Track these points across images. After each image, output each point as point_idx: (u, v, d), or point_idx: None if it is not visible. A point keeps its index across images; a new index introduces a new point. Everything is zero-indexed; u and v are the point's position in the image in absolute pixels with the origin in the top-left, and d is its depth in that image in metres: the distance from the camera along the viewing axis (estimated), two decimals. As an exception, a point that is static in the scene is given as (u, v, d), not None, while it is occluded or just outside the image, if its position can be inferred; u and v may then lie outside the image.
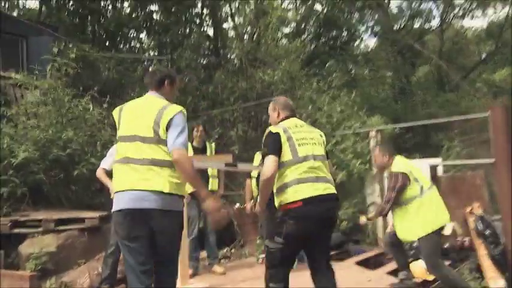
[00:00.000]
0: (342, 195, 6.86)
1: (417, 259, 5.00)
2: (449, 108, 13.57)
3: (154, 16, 10.91)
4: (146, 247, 2.51)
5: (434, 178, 5.95)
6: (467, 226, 5.44)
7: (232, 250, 6.32)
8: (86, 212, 5.42)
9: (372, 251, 5.95)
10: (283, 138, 2.84)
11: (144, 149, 2.53)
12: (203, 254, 5.26)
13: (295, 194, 2.76)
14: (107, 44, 10.90)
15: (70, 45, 7.53)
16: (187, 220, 4.37)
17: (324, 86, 8.24)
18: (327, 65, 13.38)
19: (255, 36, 9.94)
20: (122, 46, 11.48)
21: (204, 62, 10.46)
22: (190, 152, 4.38)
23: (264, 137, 2.96)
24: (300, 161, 2.81)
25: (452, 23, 19.03)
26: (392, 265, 5.08)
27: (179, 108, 2.63)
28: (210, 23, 10.63)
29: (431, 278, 4.48)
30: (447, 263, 5.07)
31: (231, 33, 11.43)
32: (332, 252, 5.99)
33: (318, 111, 7.27)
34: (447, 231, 5.45)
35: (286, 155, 2.82)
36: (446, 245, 5.35)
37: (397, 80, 16.43)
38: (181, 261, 4.10)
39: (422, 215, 3.89)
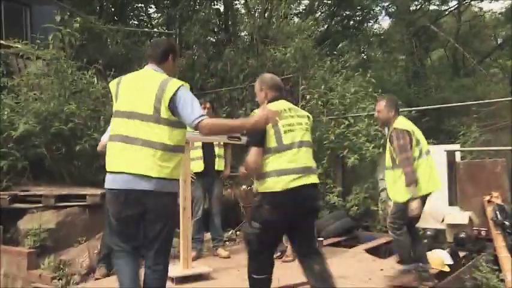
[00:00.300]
0: (352, 180, 6.72)
1: (431, 249, 4.79)
2: (464, 94, 13.17)
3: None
4: (134, 230, 2.51)
5: (452, 164, 5.69)
6: (485, 216, 5.20)
7: (238, 232, 6.14)
8: (88, 188, 5.24)
9: (382, 237, 5.72)
10: (269, 125, 2.69)
11: (142, 127, 2.41)
12: (207, 236, 5.07)
13: (275, 184, 2.68)
14: (115, 18, 10.58)
15: (74, 15, 7.23)
16: (192, 201, 4.16)
17: (338, 66, 7.89)
18: (339, 46, 12.98)
19: (266, 13, 9.53)
20: (130, 21, 11.18)
21: (214, 38, 10.11)
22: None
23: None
24: (284, 149, 2.72)
25: (470, 5, 18.35)
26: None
27: (180, 82, 2.49)
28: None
29: (447, 269, 4.26)
30: (462, 254, 4.87)
31: (242, 10, 11.03)
32: (340, 238, 5.88)
33: (331, 92, 6.96)
34: (464, 221, 5.23)
35: (271, 141, 2.72)
36: (462, 235, 5.12)
37: (411, 63, 15.95)
38: (183, 244, 3.93)
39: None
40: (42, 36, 6.16)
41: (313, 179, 2.79)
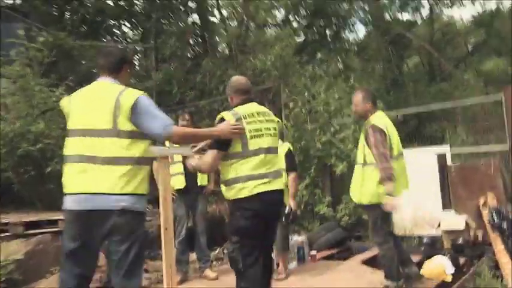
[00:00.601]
0: (342, 188, 6.48)
1: (429, 256, 4.54)
2: (443, 98, 13.25)
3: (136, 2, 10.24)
4: (93, 256, 2.39)
5: (444, 167, 5.51)
6: (481, 219, 5.01)
7: (225, 250, 5.79)
8: (60, 213, 4.82)
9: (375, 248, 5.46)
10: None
11: (100, 144, 2.26)
12: (193, 256, 4.72)
13: (242, 190, 2.65)
14: (87, 35, 10.22)
15: (41, 33, 6.88)
16: (174, 220, 3.82)
17: (319, 72, 7.72)
18: (318, 56, 12.90)
19: (243, 23, 9.36)
20: (102, 38, 10.82)
21: (191, 50, 9.86)
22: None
23: (215, 123, 2.73)
24: (250, 155, 2.67)
25: (442, 12, 18.78)
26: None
27: (139, 91, 2.36)
28: (195, 9, 10.00)
29: (449, 278, 4.01)
30: (462, 260, 4.65)
31: (218, 19, 10.84)
32: (333, 251, 5.60)
33: (314, 99, 6.76)
34: (460, 226, 5.03)
35: (236, 147, 2.67)
36: (459, 241, 4.91)
37: (389, 70, 16.04)
38: (166, 269, 3.57)
39: (377, 182, 3.48)
40: (5, 53, 5.79)
41: (279, 184, 2.77)
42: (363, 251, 5.43)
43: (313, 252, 5.20)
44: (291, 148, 4.51)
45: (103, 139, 2.26)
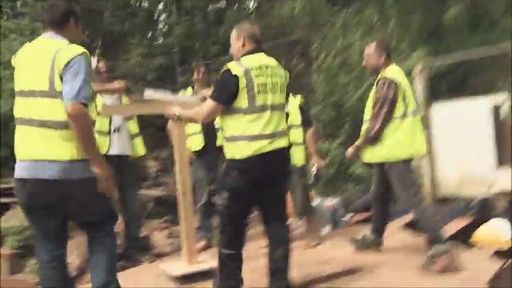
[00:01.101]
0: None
1: (479, 221, 4.04)
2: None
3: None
4: (50, 218, 2.20)
5: (498, 120, 4.87)
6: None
7: (253, 214, 5.45)
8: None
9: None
10: (242, 84, 2.45)
11: (40, 106, 2.10)
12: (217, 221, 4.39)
13: (246, 149, 2.48)
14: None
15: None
16: (194, 184, 3.48)
17: (354, 20, 7.00)
18: (351, 5, 11.95)
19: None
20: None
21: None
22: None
23: (220, 73, 2.55)
24: (256, 111, 2.50)
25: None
26: (452, 226, 4.14)
27: (80, 49, 2.13)
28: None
29: (508, 245, 3.49)
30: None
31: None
32: (370, 213, 5.17)
33: (349, 48, 6.13)
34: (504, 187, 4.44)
35: (242, 101, 2.48)
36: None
37: (429, 19, 14.85)
38: (186, 236, 3.25)
39: (397, 139, 3.23)
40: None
41: (284, 142, 2.62)
42: (404, 214, 4.97)
43: (349, 216, 4.79)
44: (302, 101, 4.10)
45: (43, 100, 2.09)
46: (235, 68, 2.47)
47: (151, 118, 5.52)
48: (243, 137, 2.48)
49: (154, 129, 6.06)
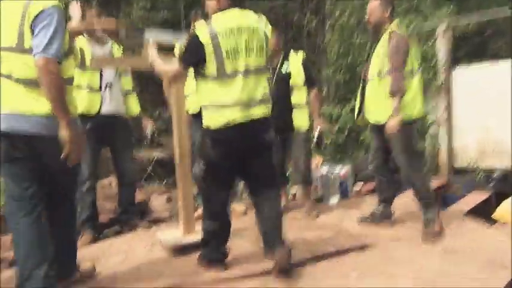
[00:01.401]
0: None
1: (500, 195, 3.77)
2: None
3: None
4: (28, 170, 2.12)
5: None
6: None
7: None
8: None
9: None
10: (208, 49, 2.32)
11: (11, 61, 2.04)
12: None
13: (217, 119, 2.39)
14: None
15: None
16: (192, 145, 3.20)
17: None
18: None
19: None
20: None
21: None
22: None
23: (189, 35, 2.49)
24: (226, 78, 2.35)
25: None
26: (470, 199, 3.87)
27: (53, 1, 2.03)
28: None
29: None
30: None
31: None
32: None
33: (366, 6, 5.64)
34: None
35: (211, 68, 2.35)
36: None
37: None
38: (184, 203, 3.02)
39: (404, 98, 3.04)
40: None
41: (262, 110, 2.45)
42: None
43: (359, 186, 4.53)
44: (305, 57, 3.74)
45: (13, 55, 2.03)
46: (202, 33, 2.33)
47: (152, 73, 5.19)
48: (213, 105, 2.38)
49: (157, 86, 5.75)
